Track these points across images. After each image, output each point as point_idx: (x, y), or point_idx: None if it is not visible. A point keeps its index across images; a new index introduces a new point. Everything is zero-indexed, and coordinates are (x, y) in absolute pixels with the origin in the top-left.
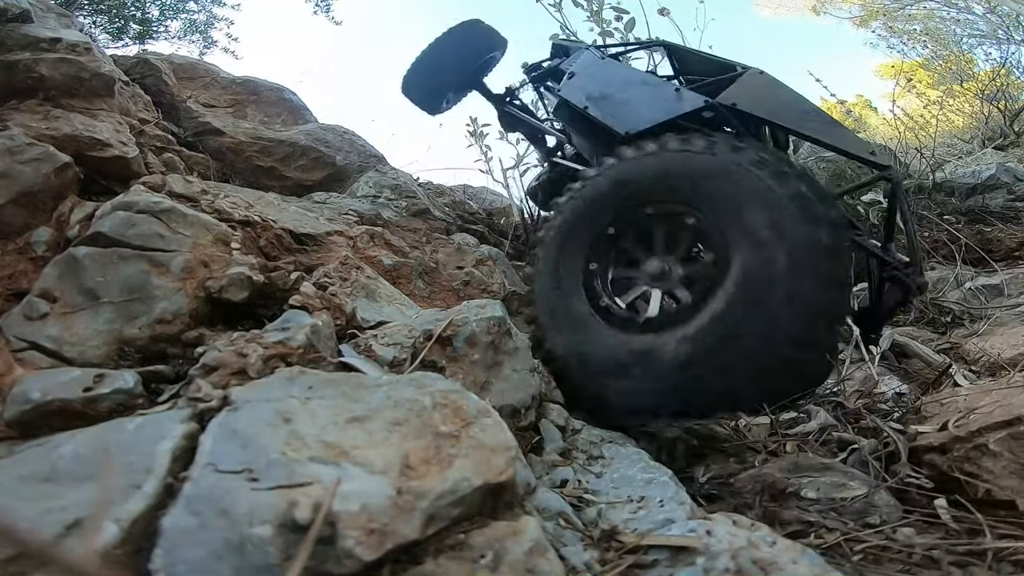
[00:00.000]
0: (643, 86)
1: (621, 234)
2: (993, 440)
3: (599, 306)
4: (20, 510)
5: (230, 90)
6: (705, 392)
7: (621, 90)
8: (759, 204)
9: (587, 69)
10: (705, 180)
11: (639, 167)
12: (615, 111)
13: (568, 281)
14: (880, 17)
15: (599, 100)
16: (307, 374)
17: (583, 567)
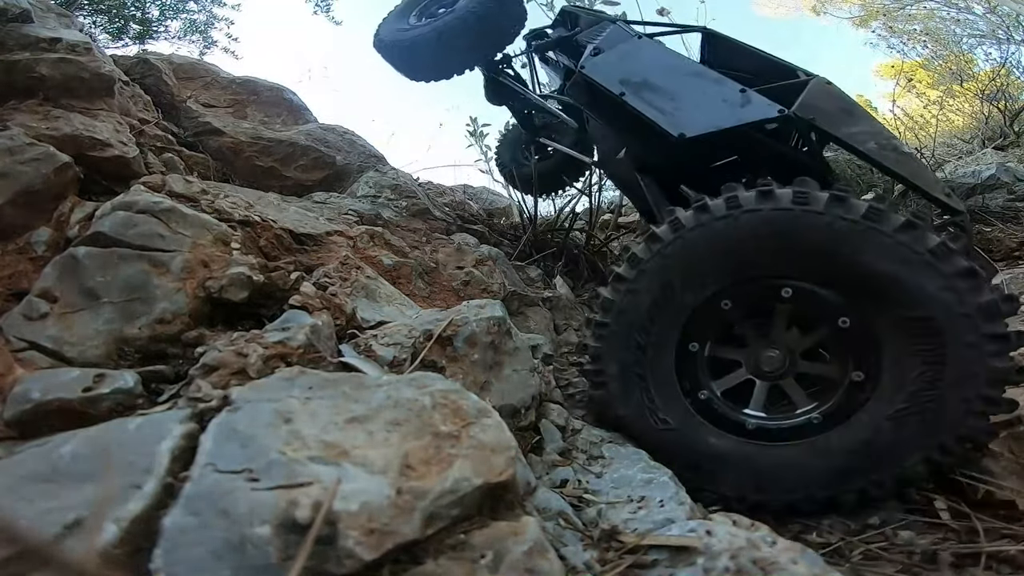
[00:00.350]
0: (698, 79)
1: (736, 307)
2: (993, 440)
3: (697, 399)
4: (20, 510)
5: (230, 90)
6: (828, 503)
7: (669, 80)
8: (942, 314)
9: (620, 47)
10: (893, 278)
11: (799, 228)
12: (664, 106)
13: (657, 358)
14: (880, 17)
15: (640, 88)
16: (307, 374)
17: (583, 567)
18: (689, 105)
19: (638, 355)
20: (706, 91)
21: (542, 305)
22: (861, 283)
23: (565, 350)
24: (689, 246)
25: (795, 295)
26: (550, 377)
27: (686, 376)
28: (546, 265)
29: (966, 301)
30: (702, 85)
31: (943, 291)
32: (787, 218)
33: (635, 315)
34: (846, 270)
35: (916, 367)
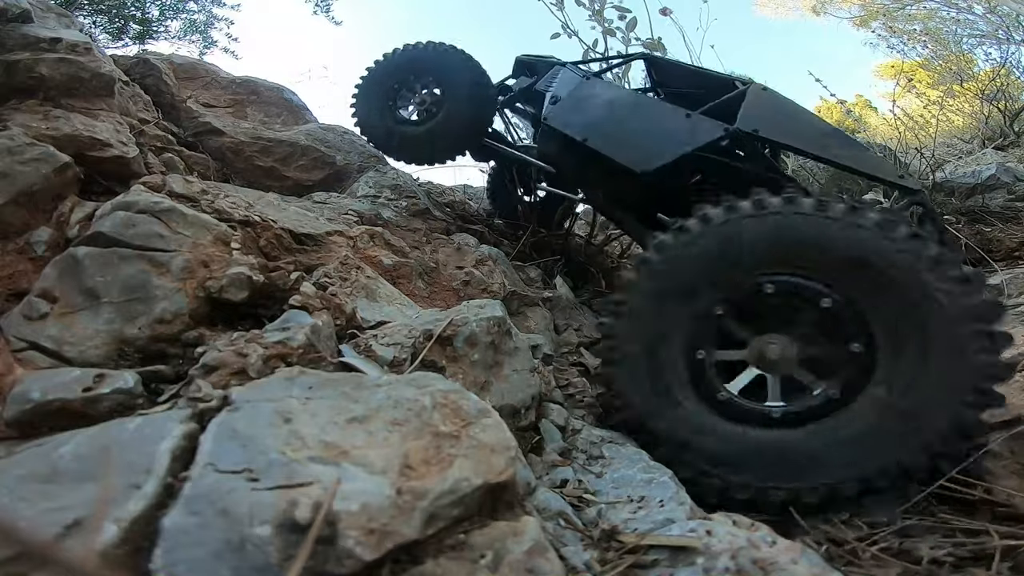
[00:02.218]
0: (647, 111)
1: (728, 311)
2: (993, 440)
3: (716, 400)
4: (20, 510)
5: (230, 90)
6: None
7: (623, 119)
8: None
9: (574, 92)
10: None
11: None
12: (622, 145)
13: (671, 370)
14: (880, 17)
15: (599, 130)
16: (307, 374)
17: (583, 567)
18: (643, 139)
19: (656, 372)
20: (655, 122)
21: (542, 305)
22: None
23: (565, 350)
24: (675, 264)
25: (777, 288)
26: (550, 377)
27: (701, 382)
28: (546, 265)
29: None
30: (650, 116)
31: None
32: (752, 223)
33: (641, 336)
34: (816, 257)
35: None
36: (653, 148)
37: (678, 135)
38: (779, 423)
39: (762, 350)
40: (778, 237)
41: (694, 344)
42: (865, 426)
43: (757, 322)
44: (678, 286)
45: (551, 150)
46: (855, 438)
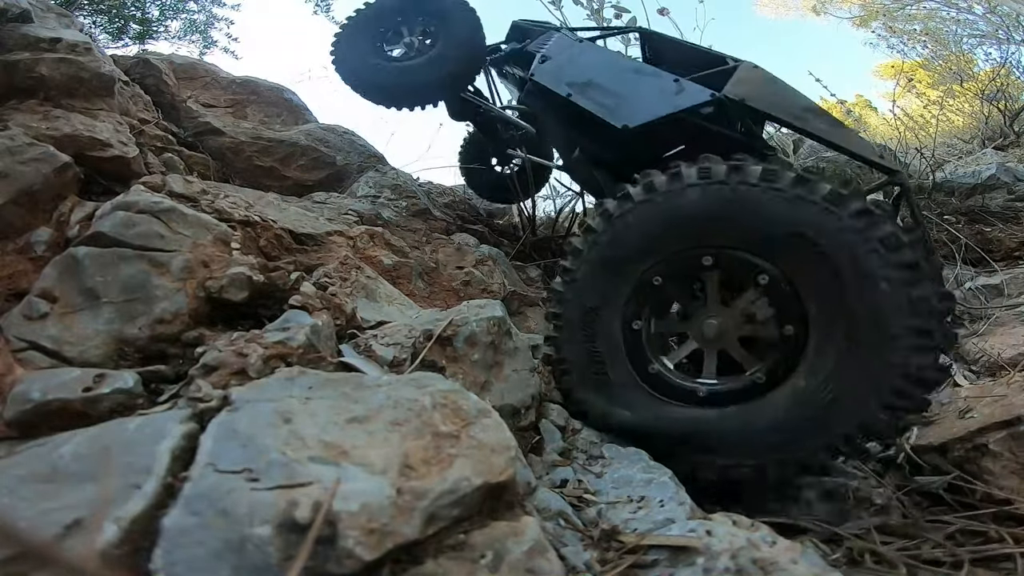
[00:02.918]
0: (636, 75)
1: (667, 283)
2: (993, 440)
3: (647, 372)
4: (20, 510)
5: (230, 90)
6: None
7: (611, 78)
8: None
9: (564, 53)
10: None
11: (705, 201)
12: (607, 101)
13: (604, 339)
14: (880, 17)
15: (585, 88)
16: (307, 374)
17: (583, 567)
18: (630, 99)
19: (589, 340)
20: (644, 85)
21: (542, 305)
22: (772, 241)
23: None
24: (617, 231)
25: (715, 261)
26: (550, 377)
27: (635, 353)
28: (546, 265)
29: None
30: (640, 80)
31: (842, 232)
32: (696, 191)
33: (581, 302)
34: (757, 230)
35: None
36: (637, 106)
37: (664, 96)
38: (702, 402)
39: (700, 325)
40: (720, 208)
41: (632, 314)
42: (778, 415)
43: (698, 296)
44: (619, 254)
45: (534, 107)
46: (766, 426)
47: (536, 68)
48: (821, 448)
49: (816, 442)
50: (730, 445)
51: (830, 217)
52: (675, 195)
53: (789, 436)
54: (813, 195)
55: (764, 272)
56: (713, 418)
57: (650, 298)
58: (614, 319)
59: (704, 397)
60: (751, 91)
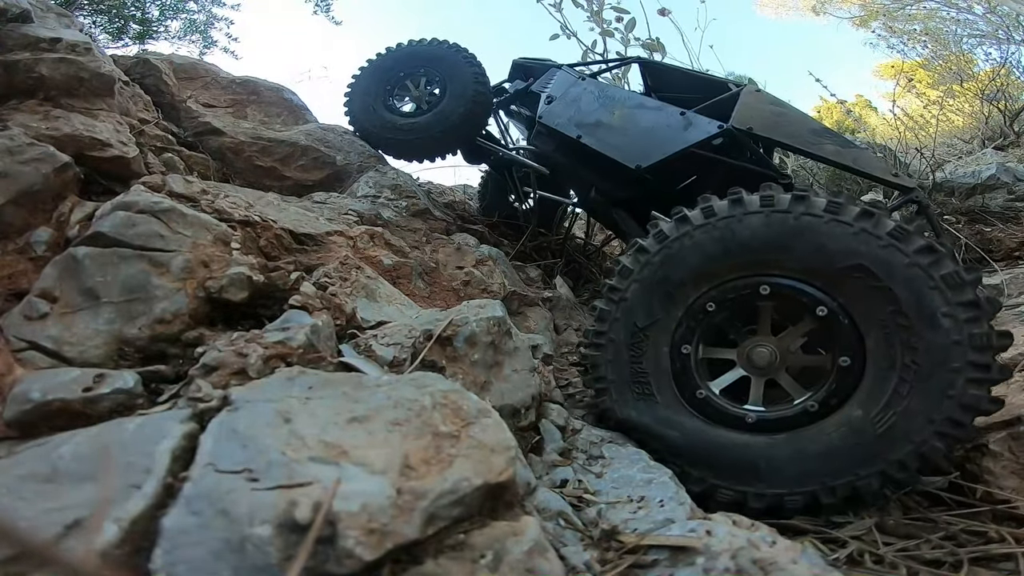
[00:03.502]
0: (642, 111)
1: (720, 309)
2: (993, 440)
3: (694, 397)
4: (20, 510)
5: (230, 90)
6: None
7: (618, 117)
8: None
9: (569, 92)
10: (855, 265)
11: (767, 229)
12: (618, 142)
13: (651, 361)
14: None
15: (595, 129)
16: (307, 374)
17: (583, 567)
18: (640, 138)
19: (636, 361)
20: (651, 121)
21: (542, 305)
22: (833, 273)
23: (565, 350)
24: (672, 254)
25: (772, 291)
26: (550, 377)
27: (683, 377)
28: (546, 265)
29: (931, 275)
30: (647, 115)
31: (905, 268)
32: (757, 219)
33: (629, 322)
34: (819, 262)
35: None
36: (648, 144)
37: (673, 132)
38: (751, 428)
39: (751, 353)
40: (781, 237)
41: (682, 338)
42: (831, 444)
43: (750, 323)
44: (673, 276)
45: (545, 149)
46: (819, 454)
47: (543, 110)
48: (874, 476)
49: (870, 470)
50: (780, 473)
51: (894, 253)
52: (736, 221)
53: (842, 464)
54: (878, 229)
55: (822, 304)
56: (762, 445)
57: (701, 323)
58: (663, 341)
59: (753, 424)
60: (757, 119)
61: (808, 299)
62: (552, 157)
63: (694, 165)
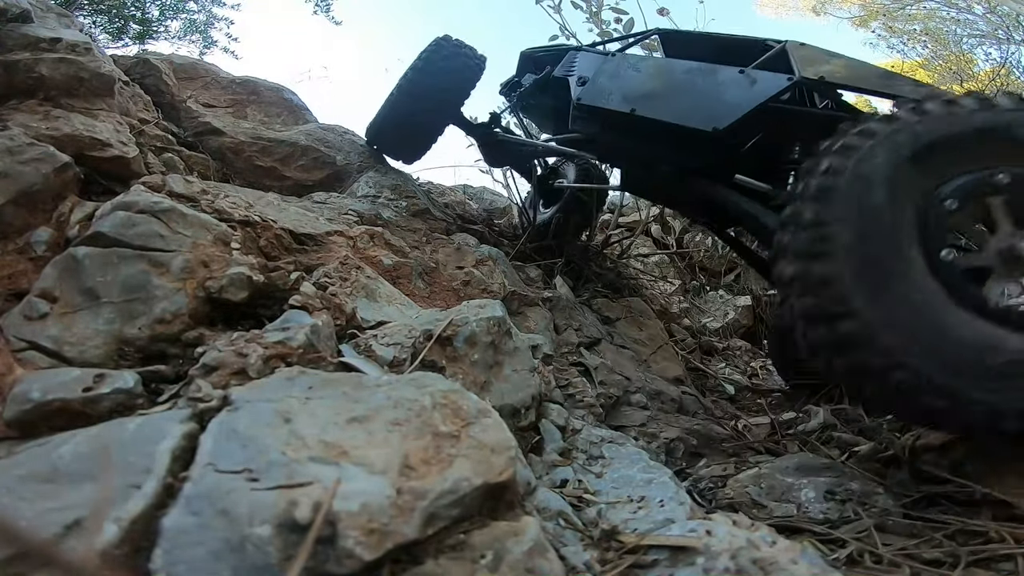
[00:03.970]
0: (695, 75)
1: (960, 208)
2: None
3: (992, 309)
4: (20, 510)
5: (230, 90)
6: None
7: (671, 84)
8: None
9: (602, 70)
10: None
11: None
12: (682, 108)
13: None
14: (880, 17)
15: (648, 100)
16: (307, 374)
17: (583, 567)
18: (703, 100)
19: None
20: (709, 82)
21: (542, 305)
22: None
23: (565, 350)
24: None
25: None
26: (550, 377)
27: (959, 286)
28: (546, 265)
29: None
30: (701, 79)
31: None
32: None
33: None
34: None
35: None
36: (717, 106)
37: (741, 90)
38: None
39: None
40: None
41: (931, 242)
42: None
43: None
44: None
45: (589, 132)
46: None
47: (580, 92)
48: None
49: None
50: None
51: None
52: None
53: None
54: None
55: None
56: None
57: (942, 224)
58: (910, 248)
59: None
60: (825, 68)
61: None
62: (599, 140)
63: (763, 122)
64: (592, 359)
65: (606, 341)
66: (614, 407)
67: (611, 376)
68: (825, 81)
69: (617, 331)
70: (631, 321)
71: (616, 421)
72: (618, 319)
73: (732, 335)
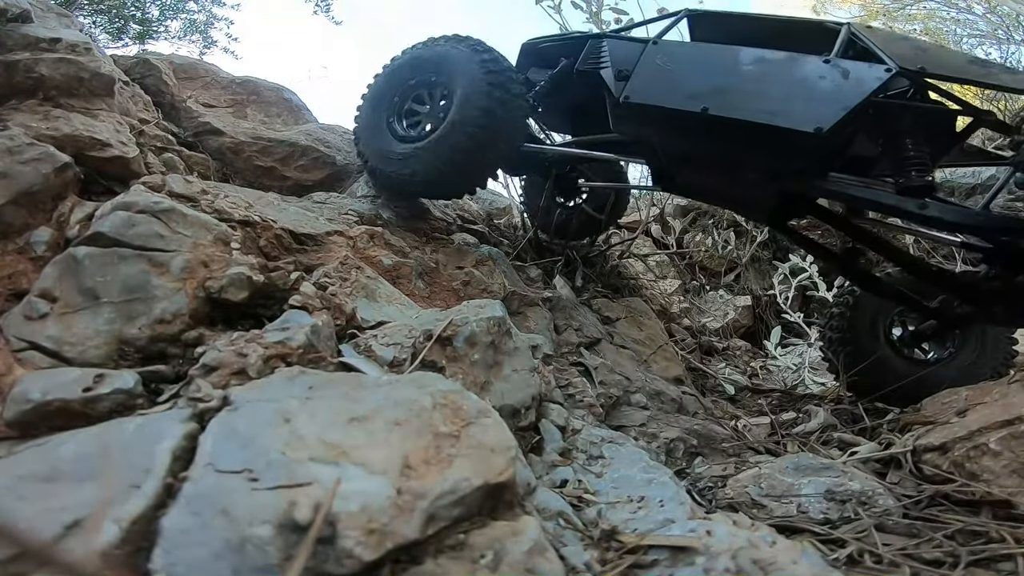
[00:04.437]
0: (772, 65)
1: None
2: (993, 439)
3: None
4: (20, 510)
5: (230, 90)
6: None
7: (748, 78)
8: None
9: (648, 60)
10: None
11: None
12: (772, 107)
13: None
14: (880, 17)
15: (723, 97)
16: (307, 374)
17: (583, 567)
18: (796, 96)
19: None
20: (792, 74)
21: (542, 305)
22: None
23: (565, 350)
24: None
25: None
26: (550, 377)
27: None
28: (546, 266)
29: None
30: (778, 70)
31: None
32: None
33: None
34: None
35: None
36: (817, 103)
37: (838, 84)
38: None
39: None
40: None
41: None
42: None
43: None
44: None
45: (643, 133)
46: None
47: (626, 89)
48: None
49: None
50: None
51: None
52: None
53: None
54: None
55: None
56: None
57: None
58: None
59: None
60: (920, 58)
61: None
62: (654, 142)
63: (858, 118)
64: (592, 359)
65: (606, 341)
66: (614, 407)
67: (611, 376)
68: (926, 72)
69: (617, 331)
70: (631, 321)
71: (616, 421)
72: (618, 319)
73: (732, 335)
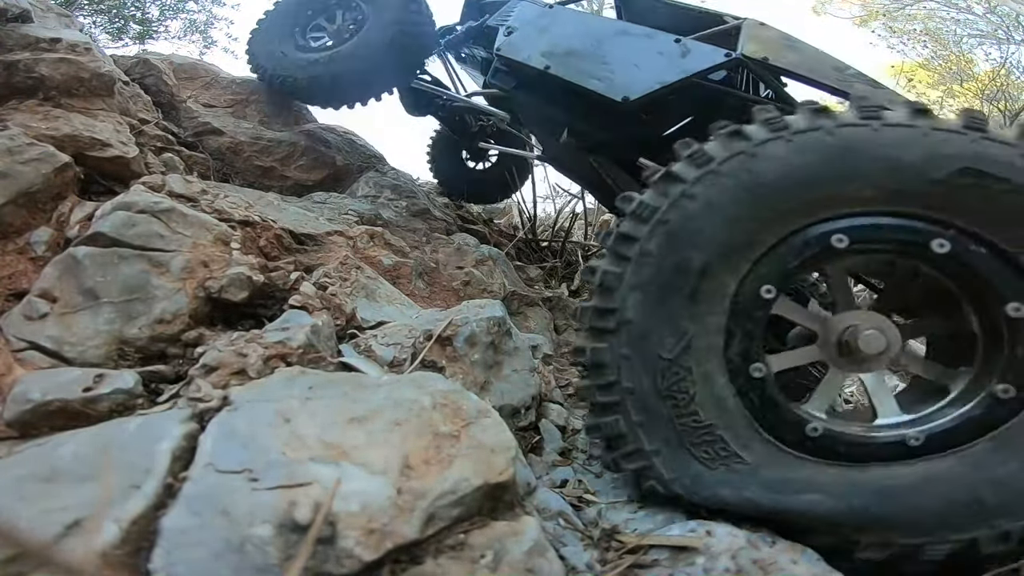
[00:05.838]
0: (626, 37)
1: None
2: None
3: (804, 436)
4: (20, 510)
5: (230, 90)
6: None
7: (596, 44)
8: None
9: (534, 21)
10: None
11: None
12: (597, 71)
13: (709, 405)
14: (880, 17)
15: (566, 58)
16: (307, 374)
17: (583, 567)
18: (625, 66)
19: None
20: (638, 48)
21: (542, 305)
22: None
23: (565, 350)
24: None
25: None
26: (550, 377)
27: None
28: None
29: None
30: (632, 43)
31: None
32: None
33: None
34: None
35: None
36: (637, 74)
37: (668, 60)
38: (912, 453)
39: (847, 339)
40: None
41: (742, 353)
42: None
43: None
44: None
45: (504, 86)
46: (993, 479)
47: (503, 42)
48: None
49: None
50: (931, 513)
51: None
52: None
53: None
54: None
55: (939, 236)
56: (916, 478)
57: (761, 320)
58: (715, 368)
59: (920, 445)
60: (772, 50)
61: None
62: (514, 97)
63: (690, 104)
64: None
65: None
66: None
67: None
68: (769, 64)
69: None
70: None
71: None
72: None
73: None
